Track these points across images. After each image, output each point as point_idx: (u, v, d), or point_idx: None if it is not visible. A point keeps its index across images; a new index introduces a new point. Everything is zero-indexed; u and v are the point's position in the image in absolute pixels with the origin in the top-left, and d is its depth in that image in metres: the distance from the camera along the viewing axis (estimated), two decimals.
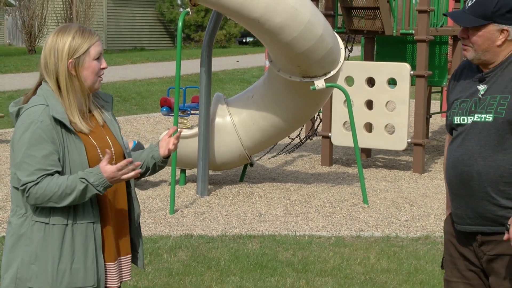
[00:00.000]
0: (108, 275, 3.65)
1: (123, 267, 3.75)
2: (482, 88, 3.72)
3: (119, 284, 3.73)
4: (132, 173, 3.49)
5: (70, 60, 3.54)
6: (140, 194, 9.42)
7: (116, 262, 3.68)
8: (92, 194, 3.47)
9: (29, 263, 3.51)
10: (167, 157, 3.78)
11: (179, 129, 3.84)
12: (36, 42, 34.87)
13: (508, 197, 3.64)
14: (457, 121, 3.77)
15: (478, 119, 3.68)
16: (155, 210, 9.08)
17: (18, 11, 36.13)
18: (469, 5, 3.67)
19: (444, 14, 3.93)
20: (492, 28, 3.65)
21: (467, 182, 3.70)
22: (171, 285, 6.45)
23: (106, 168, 3.45)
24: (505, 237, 3.54)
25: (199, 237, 7.99)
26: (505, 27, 3.65)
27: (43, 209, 3.49)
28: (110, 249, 3.65)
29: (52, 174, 3.45)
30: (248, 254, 7.38)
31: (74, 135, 3.53)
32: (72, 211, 3.51)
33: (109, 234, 3.64)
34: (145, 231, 8.07)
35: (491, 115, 3.64)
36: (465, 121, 3.74)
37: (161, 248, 7.51)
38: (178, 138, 3.78)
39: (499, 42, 3.66)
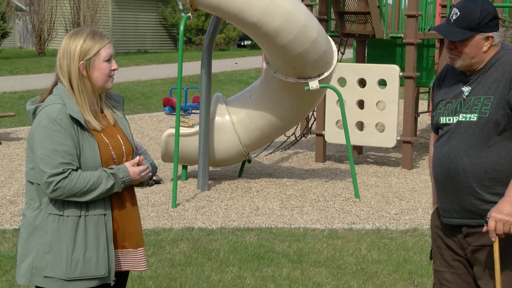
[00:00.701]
0: (116, 262, 3.67)
1: (138, 258, 3.75)
2: (466, 89, 3.74)
3: (127, 270, 3.75)
4: (147, 177, 3.69)
5: (82, 62, 3.55)
6: (144, 189, 9.42)
7: (123, 250, 3.69)
8: (113, 191, 3.52)
9: (44, 253, 3.51)
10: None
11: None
12: (46, 45, 34.83)
13: (492, 192, 3.65)
14: (443, 120, 3.79)
15: (463, 119, 3.70)
16: (158, 204, 9.07)
17: (28, 16, 36.08)
18: (453, 18, 3.67)
19: (430, 29, 3.95)
20: (479, 37, 3.67)
21: (454, 178, 3.71)
22: (173, 275, 6.45)
23: (133, 168, 3.59)
24: (484, 229, 3.57)
25: (200, 230, 7.99)
26: (490, 34, 3.67)
27: (56, 202, 3.51)
28: (119, 239, 3.66)
29: (75, 170, 3.47)
30: (246, 245, 7.38)
31: (88, 133, 3.54)
32: (85, 203, 3.52)
33: (119, 227, 3.65)
34: (149, 224, 8.07)
35: (476, 115, 3.66)
36: (451, 121, 3.76)
37: (164, 240, 7.51)
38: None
39: (485, 48, 3.69)
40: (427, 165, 11.82)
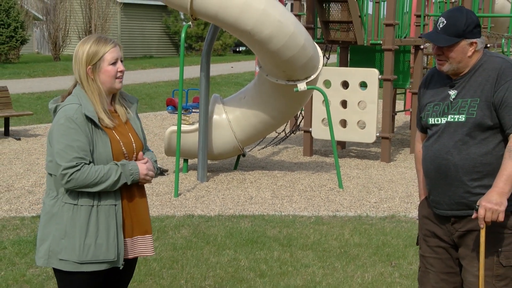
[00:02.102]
0: (125, 249, 3.66)
1: (146, 244, 3.74)
2: (452, 93, 3.73)
3: (135, 256, 3.73)
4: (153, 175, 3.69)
5: (89, 66, 3.54)
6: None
7: (132, 238, 3.68)
8: (121, 183, 3.52)
9: (59, 238, 3.51)
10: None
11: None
12: (60, 51, 34.81)
13: (480, 184, 3.65)
14: (431, 121, 3.78)
15: (452, 119, 3.69)
16: (161, 194, 9.06)
17: (45, 24, 36.05)
18: (441, 26, 3.67)
19: (420, 36, 3.95)
20: (464, 43, 3.66)
21: (445, 173, 3.71)
22: (176, 257, 6.44)
23: (143, 165, 3.60)
24: (473, 215, 3.57)
25: (199, 217, 7.98)
26: (474, 40, 3.67)
27: (72, 192, 3.51)
28: (127, 228, 3.65)
29: (88, 163, 3.46)
30: (241, 231, 7.37)
31: (101, 130, 3.53)
32: (97, 194, 3.52)
33: (128, 216, 3.64)
34: (153, 212, 8.06)
35: (464, 116, 3.65)
36: (439, 122, 3.75)
37: (167, 226, 7.50)
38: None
39: (470, 53, 3.68)
40: (403, 159, 11.93)
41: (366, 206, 8.67)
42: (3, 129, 13.88)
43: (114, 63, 3.59)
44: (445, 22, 3.67)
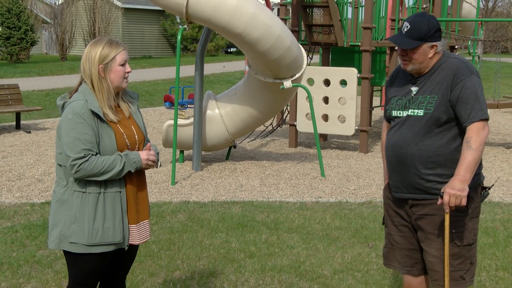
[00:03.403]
0: (131, 235, 3.65)
1: (144, 229, 3.73)
2: (414, 89, 3.77)
3: (140, 242, 3.72)
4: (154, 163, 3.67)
5: (101, 66, 3.53)
6: (148, 170, 9.35)
7: (137, 224, 3.67)
8: (126, 172, 3.52)
9: (70, 223, 3.51)
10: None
11: None
12: (67, 51, 34.70)
13: (434, 173, 3.70)
14: (394, 114, 3.83)
15: (412, 113, 3.74)
16: (160, 182, 9.05)
17: (53, 27, 35.94)
18: (405, 30, 3.69)
19: (386, 39, 3.98)
20: (426, 46, 3.69)
21: (403, 161, 3.75)
22: (173, 240, 6.43)
23: (143, 153, 3.59)
24: (439, 201, 3.61)
25: (194, 203, 7.97)
26: (435, 43, 3.70)
27: (80, 181, 3.50)
28: (133, 214, 3.64)
29: (95, 154, 3.46)
30: (232, 216, 7.37)
31: (106, 124, 3.52)
32: (104, 182, 3.52)
33: (132, 202, 3.63)
34: (152, 199, 8.05)
35: (422, 111, 3.70)
36: (401, 114, 3.79)
37: (165, 211, 7.49)
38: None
39: (430, 55, 3.72)
40: (380, 150, 11.92)
41: (346, 193, 8.68)
42: (14, 123, 13.88)
43: (123, 64, 3.60)
44: (409, 26, 3.69)
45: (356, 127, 11.57)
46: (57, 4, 36.80)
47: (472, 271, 3.84)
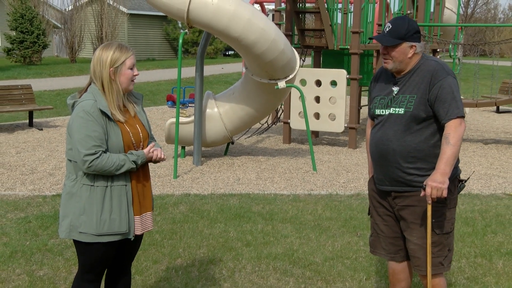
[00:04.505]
0: (135, 225, 3.64)
1: (147, 220, 3.72)
2: (395, 89, 3.79)
3: (143, 232, 3.72)
4: (159, 156, 3.68)
5: (111, 69, 3.50)
6: (152, 164, 9.35)
7: (140, 216, 3.66)
8: (132, 168, 3.54)
9: (79, 215, 3.50)
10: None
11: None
12: (76, 54, 34.66)
13: (414, 166, 3.72)
14: (377, 112, 3.86)
15: (393, 112, 3.76)
16: (163, 176, 9.03)
17: (63, 32, 35.88)
18: (387, 30, 3.73)
19: (370, 38, 3.99)
20: (405, 45, 3.72)
21: (385, 156, 3.78)
22: (175, 230, 6.41)
23: (146, 149, 3.61)
24: (422, 194, 3.63)
25: (195, 195, 7.96)
26: (414, 43, 3.73)
27: (89, 175, 3.49)
28: (136, 206, 3.63)
29: (105, 152, 3.45)
30: (230, 207, 7.36)
31: (113, 123, 3.51)
32: (111, 176, 3.51)
33: (136, 195, 3.63)
34: (155, 191, 8.03)
35: (403, 109, 3.72)
36: (384, 113, 3.81)
37: (167, 203, 7.47)
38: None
39: (410, 55, 3.74)
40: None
41: (336, 186, 8.67)
42: (27, 121, 13.86)
43: (131, 68, 3.59)
44: (390, 26, 3.74)
45: (346, 125, 11.56)
46: (67, 10, 36.72)
47: (450, 258, 3.87)
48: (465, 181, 3.86)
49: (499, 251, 5.91)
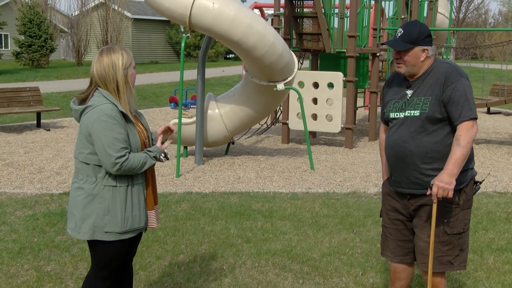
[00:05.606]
0: (149, 219, 3.69)
1: (156, 214, 3.76)
2: (409, 92, 3.74)
3: (156, 225, 3.77)
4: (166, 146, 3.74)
5: (124, 70, 3.49)
6: (156, 164, 9.35)
7: (153, 210, 3.70)
8: (153, 163, 3.60)
9: (103, 215, 3.48)
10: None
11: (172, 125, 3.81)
12: (82, 57, 34.69)
13: (432, 167, 3.66)
14: (392, 115, 3.80)
15: (409, 114, 3.70)
16: (165, 175, 9.02)
17: (69, 36, 35.94)
18: (399, 35, 3.69)
19: (382, 44, 3.94)
20: (418, 49, 3.67)
21: (403, 158, 3.72)
22: (177, 227, 6.41)
23: (158, 143, 3.68)
24: (428, 192, 3.59)
25: (197, 194, 7.95)
26: (426, 47, 3.68)
27: (110, 176, 3.47)
28: (150, 201, 3.67)
29: (130, 152, 3.47)
30: (231, 205, 7.35)
31: (131, 124, 3.51)
32: (130, 176, 3.53)
33: (150, 191, 3.66)
34: (158, 190, 8.02)
35: (418, 111, 3.66)
36: (399, 116, 3.76)
37: (170, 201, 7.47)
38: (169, 130, 3.79)
39: (422, 58, 3.69)
40: (363, 145, 11.94)
41: (333, 184, 8.66)
42: (35, 121, 13.86)
43: (134, 68, 3.60)
44: (402, 31, 3.69)
45: (342, 125, 11.55)
46: (73, 15, 36.74)
47: (463, 257, 3.80)
48: (480, 182, 3.81)
49: (490, 247, 5.91)
